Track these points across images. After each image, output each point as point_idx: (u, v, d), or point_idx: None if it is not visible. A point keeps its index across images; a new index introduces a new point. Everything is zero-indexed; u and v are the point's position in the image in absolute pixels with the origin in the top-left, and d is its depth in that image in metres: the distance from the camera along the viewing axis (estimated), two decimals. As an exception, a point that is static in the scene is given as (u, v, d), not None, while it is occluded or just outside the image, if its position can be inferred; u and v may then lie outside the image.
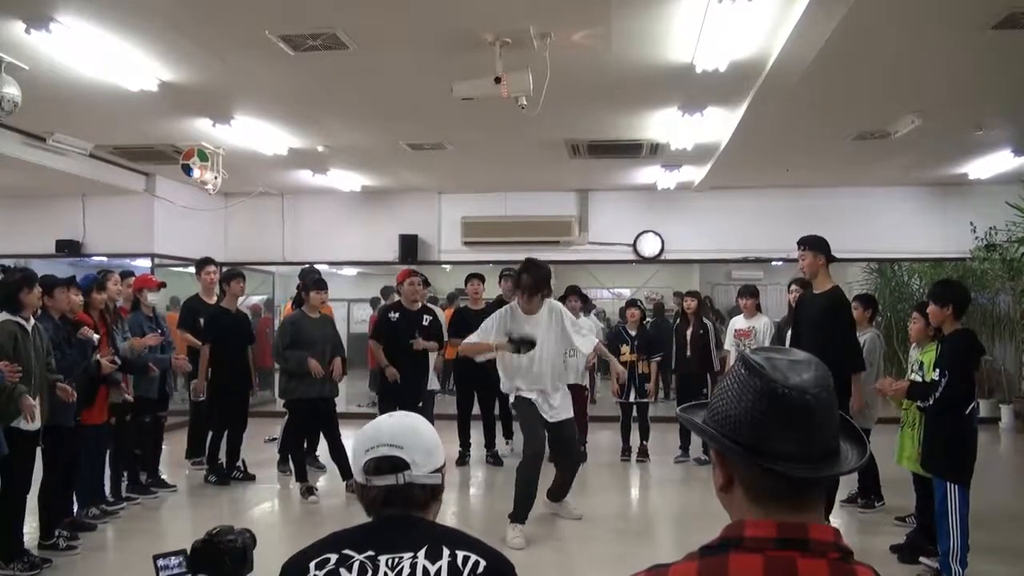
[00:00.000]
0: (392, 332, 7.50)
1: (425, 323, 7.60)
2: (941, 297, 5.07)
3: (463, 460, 8.56)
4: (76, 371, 5.71)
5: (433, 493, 1.83)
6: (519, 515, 5.87)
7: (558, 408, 6.05)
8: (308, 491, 7.11)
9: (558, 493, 6.44)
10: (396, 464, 1.77)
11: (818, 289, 5.58)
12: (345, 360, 7.51)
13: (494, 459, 8.63)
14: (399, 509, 1.78)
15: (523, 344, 5.82)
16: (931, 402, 4.94)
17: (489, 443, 8.74)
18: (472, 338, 6.15)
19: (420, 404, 7.32)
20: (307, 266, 9.28)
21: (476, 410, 8.85)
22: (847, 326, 5.51)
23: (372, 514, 1.81)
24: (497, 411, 8.81)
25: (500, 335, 5.95)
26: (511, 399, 6.22)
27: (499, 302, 8.34)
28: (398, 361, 7.41)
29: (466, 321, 7.70)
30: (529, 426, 6.04)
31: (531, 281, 5.90)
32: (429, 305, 7.96)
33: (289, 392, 7.26)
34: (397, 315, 7.59)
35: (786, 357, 1.27)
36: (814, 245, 5.52)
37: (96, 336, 6.05)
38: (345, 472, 7.12)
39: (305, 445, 8.13)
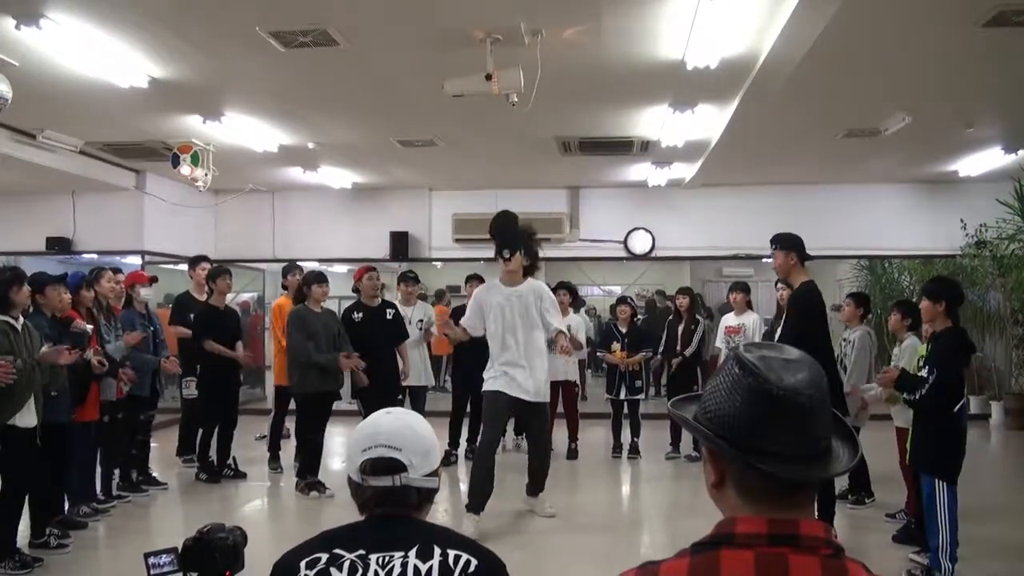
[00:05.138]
0: (358, 332, 7.36)
1: (389, 317, 7.57)
2: (934, 293, 5.05)
3: (447, 461, 8.29)
4: (78, 364, 5.69)
5: (428, 496, 1.83)
6: (473, 505, 5.93)
7: (527, 387, 6.02)
8: (317, 486, 7.04)
9: (532, 487, 6.42)
10: (393, 466, 1.76)
11: (795, 287, 5.38)
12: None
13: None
14: (392, 509, 1.78)
15: None
16: (916, 397, 4.93)
17: (472, 438, 8.67)
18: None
19: (399, 397, 7.45)
20: (288, 263, 9.09)
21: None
22: (799, 328, 5.03)
23: (364, 513, 1.81)
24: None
25: (475, 312, 6.22)
26: (483, 387, 6.22)
27: None
28: (368, 359, 7.19)
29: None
30: (489, 418, 6.18)
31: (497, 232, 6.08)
32: (386, 299, 7.84)
33: (307, 385, 7.03)
34: (361, 315, 7.51)
35: (780, 356, 1.25)
36: (784, 243, 5.28)
37: (89, 327, 6.03)
38: (303, 469, 7.17)
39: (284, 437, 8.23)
